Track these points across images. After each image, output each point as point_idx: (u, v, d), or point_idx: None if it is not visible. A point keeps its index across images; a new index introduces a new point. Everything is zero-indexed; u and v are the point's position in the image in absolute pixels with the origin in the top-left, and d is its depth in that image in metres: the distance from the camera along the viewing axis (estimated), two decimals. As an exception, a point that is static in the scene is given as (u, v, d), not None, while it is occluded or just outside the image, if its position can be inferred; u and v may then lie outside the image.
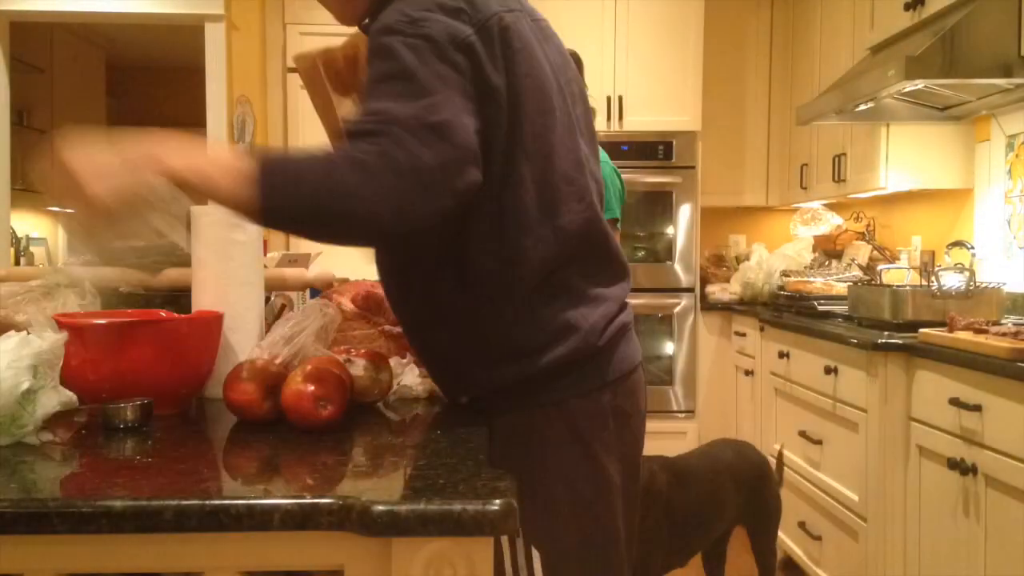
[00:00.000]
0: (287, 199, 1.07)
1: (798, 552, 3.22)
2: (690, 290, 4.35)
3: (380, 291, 1.50)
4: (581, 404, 1.29)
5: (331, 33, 4.89)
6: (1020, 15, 2.58)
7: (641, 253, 4.36)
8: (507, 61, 1.21)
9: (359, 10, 1.35)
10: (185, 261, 1.38)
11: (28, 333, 1.13)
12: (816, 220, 4.22)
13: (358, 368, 1.33)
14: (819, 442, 3.00)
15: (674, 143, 4.31)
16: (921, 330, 2.52)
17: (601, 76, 4.22)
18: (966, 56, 2.62)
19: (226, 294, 1.43)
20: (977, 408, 2.15)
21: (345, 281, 2.19)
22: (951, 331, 2.40)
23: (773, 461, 3.45)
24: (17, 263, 5.21)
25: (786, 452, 3.33)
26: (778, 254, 4.16)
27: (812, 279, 3.64)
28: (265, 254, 1.78)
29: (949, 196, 3.42)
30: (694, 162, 4.33)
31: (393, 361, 1.42)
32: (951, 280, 2.70)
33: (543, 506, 1.26)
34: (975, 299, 2.64)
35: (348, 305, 1.62)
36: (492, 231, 1.24)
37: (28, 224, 5.75)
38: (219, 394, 1.27)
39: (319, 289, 1.89)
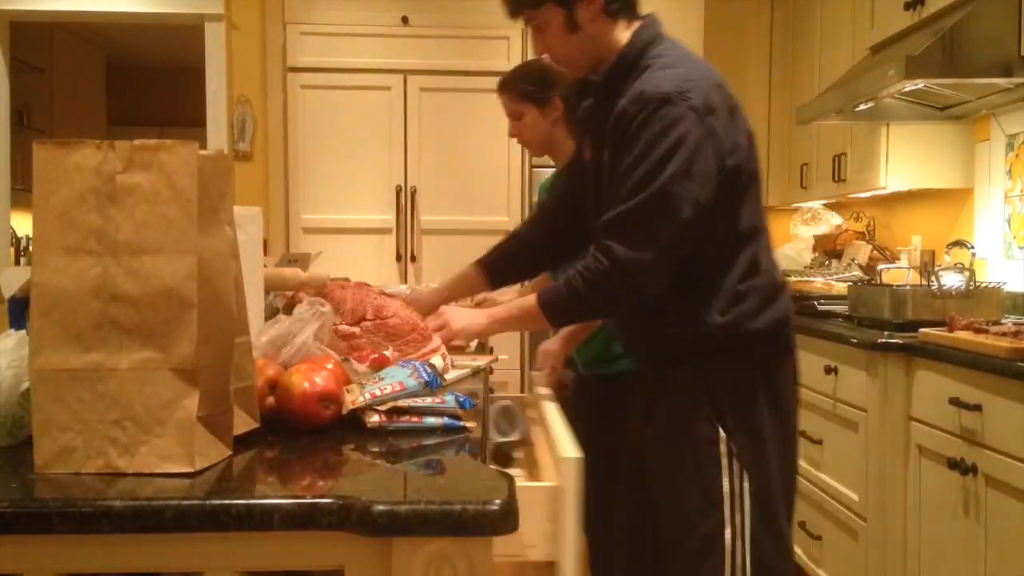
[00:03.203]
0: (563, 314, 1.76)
1: (798, 552, 3.22)
2: (690, 290, 4.35)
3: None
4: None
5: (332, 33, 4.92)
6: (1020, 15, 2.58)
7: (641, 253, 4.35)
8: None
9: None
10: None
11: None
12: (816, 220, 4.22)
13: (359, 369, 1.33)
14: (819, 442, 3.00)
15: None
16: (921, 330, 2.52)
17: (601, 76, 4.21)
18: (966, 56, 2.62)
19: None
20: (977, 408, 2.15)
21: (346, 281, 2.18)
22: (951, 331, 2.40)
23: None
24: (17, 263, 5.21)
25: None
26: (778, 254, 4.16)
27: (812, 279, 3.64)
28: (265, 255, 1.78)
29: (949, 196, 3.42)
30: (694, 162, 4.33)
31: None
32: (951, 280, 2.70)
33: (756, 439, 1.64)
34: (975, 299, 2.64)
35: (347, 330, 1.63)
36: None
37: (28, 224, 5.75)
38: (219, 394, 1.27)
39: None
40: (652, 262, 1.55)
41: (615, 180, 1.59)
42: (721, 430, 1.62)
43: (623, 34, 1.68)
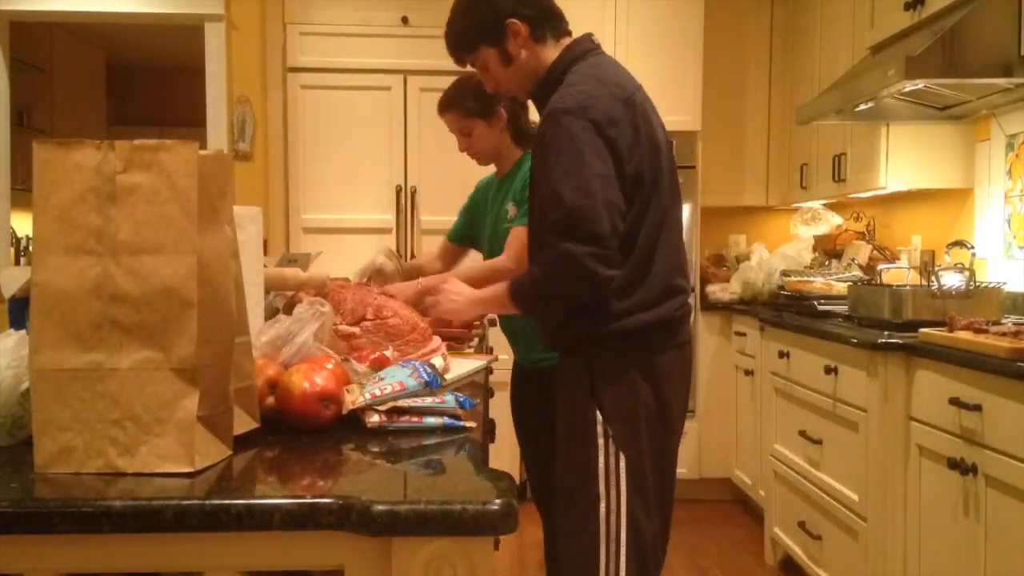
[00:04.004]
0: (530, 304, 1.86)
1: (798, 552, 3.22)
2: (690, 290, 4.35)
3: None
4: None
5: (332, 33, 4.90)
6: (1020, 15, 2.58)
7: (641, 253, 4.35)
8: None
9: None
10: None
11: None
12: (816, 220, 4.22)
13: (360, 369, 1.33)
14: (819, 442, 3.00)
15: (674, 143, 4.28)
16: (921, 330, 2.52)
17: (601, 76, 4.21)
18: (966, 56, 2.62)
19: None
20: (977, 408, 2.15)
21: (346, 281, 2.18)
22: (951, 331, 2.40)
23: (774, 462, 3.45)
24: (17, 263, 5.21)
25: (786, 452, 3.33)
26: (778, 254, 4.16)
27: (812, 279, 3.64)
28: (265, 255, 1.78)
29: (949, 196, 3.42)
30: (694, 162, 4.33)
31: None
32: (951, 280, 2.70)
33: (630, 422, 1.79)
34: (975, 299, 2.64)
35: (347, 330, 1.64)
36: None
37: (28, 224, 5.75)
38: (219, 394, 1.27)
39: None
40: (600, 252, 1.67)
41: (539, 192, 1.78)
42: (599, 413, 1.79)
43: (552, 52, 1.88)
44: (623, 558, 1.78)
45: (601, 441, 1.78)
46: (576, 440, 1.82)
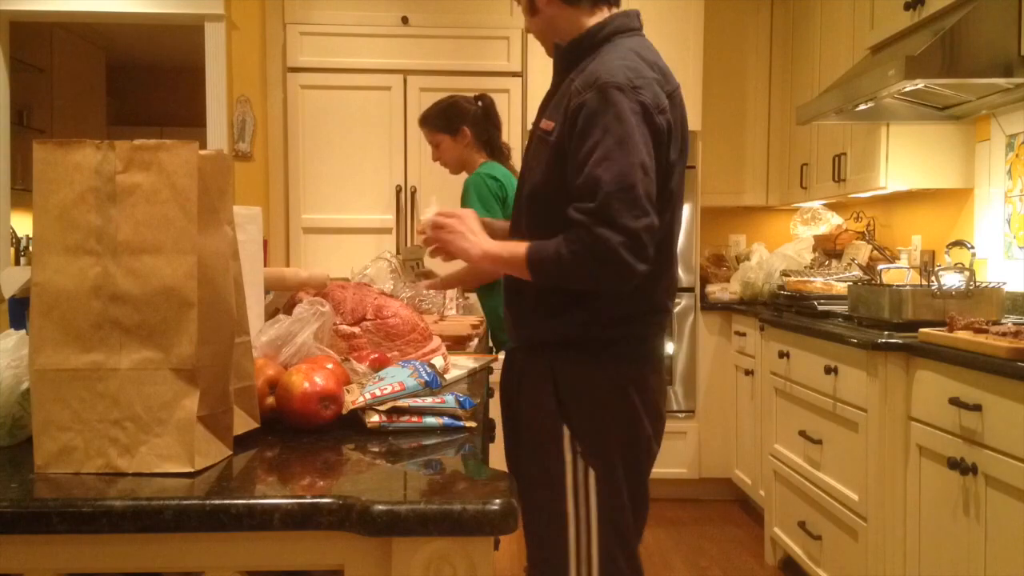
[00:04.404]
0: (546, 277, 1.65)
1: (798, 552, 3.22)
2: (690, 290, 4.35)
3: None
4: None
5: (332, 33, 4.91)
6: (1020, 15, 2.58)
7: (641, 253, 4.35)
8: None
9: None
10: None
11: None
12: (816, 220, 4.22)
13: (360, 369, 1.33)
14: (819, 442, 3.00)
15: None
16: (921, 330, 2.52)
17: (601, 76, 4.21)
18: (966, 56, 2.62)
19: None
20: (977, 408, 2.15)
21: (346, 281, 2.18)
22: (951, 331, 2.40)
23: (774, 462, 3.45)
24: (17, 263, 5.21)
25: (786, 452, 3.33)
26: (778, 254, 4.16)
27: (812, 279, 3.64)
28: (264, 255, 1.78)
29: (949, 196, 3.42)
30: (694, 162, 4.33)
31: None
32: (951, 280, 2.70)
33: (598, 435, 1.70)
34: (975, 299, 2.64)
35: (347, 329, 1.63)
36: None
37: (28, 224, 5.75)
38: (219, 394, 1.27)
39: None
40: (633, 245, 1.55)
41: (577, 165, 1.61)
42: (566, 428, 1.68)
43: (587, 20, 1.74)
44: (595, 568, 1.69)
45: (569, 456, 1.68)
46: (539, 454, 1.72)
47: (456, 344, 2.17)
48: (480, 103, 3.15)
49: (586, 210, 1.56)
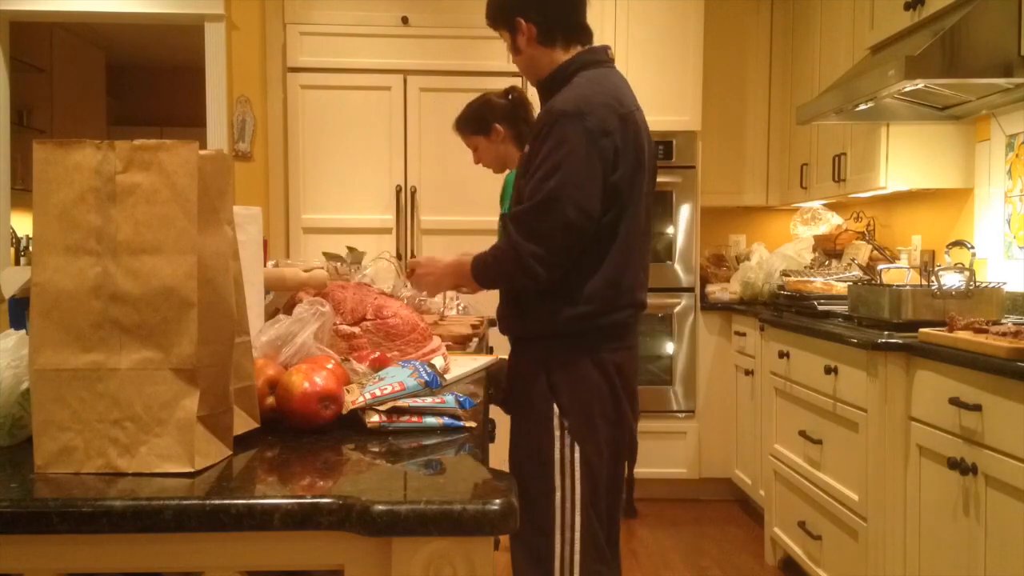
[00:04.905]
0: (481, 282, 1.98)
1: (798, 552, 3.22)
2: (690, 290, 4.35)
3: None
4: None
5: (332, 33, 4.91)
6: (1020, 15, 2.58)
7: (641, 253, 4.35)
8: None
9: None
10: None
11: None
12: (816, 220, 4.22)
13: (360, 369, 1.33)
14: (819, 442, 3.00)
15: (674, 143, 4.31)
16: (921, 330, 2.52)
17: (601, 76, 4.22)
18: (966, 56, 2.62)
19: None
20: (977, 408, 2.15)
21: (346, 281, 2.18)
22: (951, 331, 2.40)
23: (774, 462, 3.45)
24: (17, 263, 5.21)
25: (786, 452, 3.33)
26: (778, 254, 4.16)
27: (812, 279, 3.64)
28: (264, 255, 1.78)
29: (949, 196, 3.42)
30: (694, 162, 4.34)
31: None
32: (951, 280, 2.70)
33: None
34: (975, 299, 2.64)
35: (347, 329, 1.63)
36: None
37: (28, 224, 5.75)
38: (219, 394, 1.27)
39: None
40: (543, 254, 1.80)
41: (526, 181, 1.87)
42: (556, 405, 1.89)
43: (561, 56, 1.99)
44: (578, 544, 1.86)
45: (557, 433, 1.88)
46: (532, 430, 1.92)
47: (456, 344, 2.17)
48: (510, 96, 3.07)
49: (516, 214, 1.83)
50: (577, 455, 1.88)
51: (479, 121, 3.01)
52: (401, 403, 1.24)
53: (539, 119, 1.91)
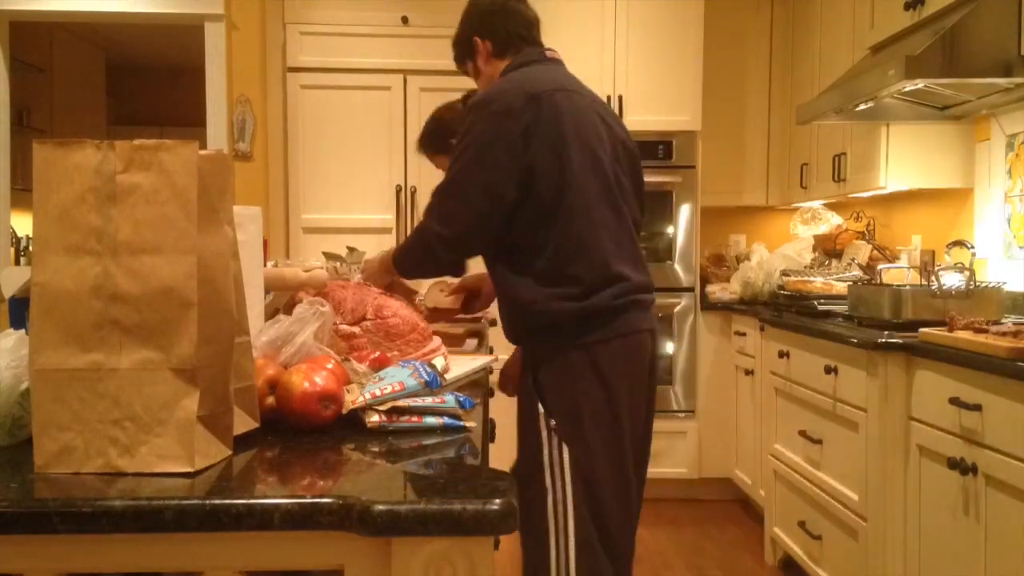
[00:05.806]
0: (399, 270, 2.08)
1: (798, 552, 3.22)
2: (690, 290, 4.35)
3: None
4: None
5: (332, 33, 4.90)
6: (1020, 15, 2.58)
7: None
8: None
9: None
10: None
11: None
12: (816, 220, 4.22)
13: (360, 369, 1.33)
14: (819, 442, 3.00)
15: (674, 143, 4.31)
16: (921, 330, 2.52)
17: (601, 76, 4.22)
18: (966, 56, 2.62)
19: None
20: (977, 408, 2.15)
21: (346, 281, 2.18)
22: (951, 331, 2.40)
23: (774, 462, 3.45)
24: (17, 263, 5.21)
25: (786, 452, 3.33)
26: (778, 254, 4.16)
27: (812, 279, 3.64)
28: (264, 255, 1.79)
29: (949, 196, 3.42)
30: (694, 162, 4.34)
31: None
32: (951, 280, 2.70)
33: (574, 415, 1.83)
34: (975, 299, 2.64)
35: (347, 329, 1.63)
36: None
37: (28, 224, 5.75)
38: (219, 394, 1.27)
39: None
40: (447, 235, 1.86)
41: None
42: (540, 405, 1.85)
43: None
44: (572, 549, 1.80)
45: (544, 433, 1.84)
46: (524, 431, 1.90)
47: (456, 344, 2.17)
48: (465, 103, 2.92)
49: (428, 205, 1.92)
50: (566, 456, 1.81)
51: (438, 137, 2.85)
52: (401, 403, 1.24)
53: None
